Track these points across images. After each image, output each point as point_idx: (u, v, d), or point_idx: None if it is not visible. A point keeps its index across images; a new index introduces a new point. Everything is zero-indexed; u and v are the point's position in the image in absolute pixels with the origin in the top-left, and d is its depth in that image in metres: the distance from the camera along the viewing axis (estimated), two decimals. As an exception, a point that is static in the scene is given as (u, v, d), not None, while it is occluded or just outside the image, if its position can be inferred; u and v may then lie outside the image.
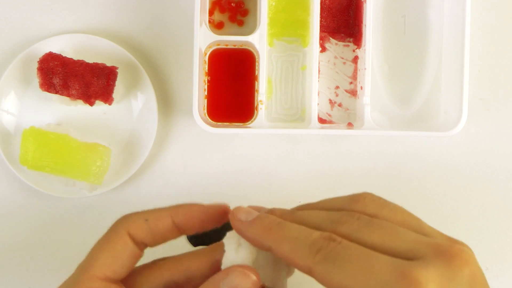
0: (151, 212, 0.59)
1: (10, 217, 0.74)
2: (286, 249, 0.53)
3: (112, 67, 0.71)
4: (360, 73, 0.74)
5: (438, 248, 0.50)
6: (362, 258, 0.50)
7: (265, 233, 0.54)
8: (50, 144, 0.70)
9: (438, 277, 0.49)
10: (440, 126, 0.73)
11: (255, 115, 0.73)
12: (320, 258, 0.51)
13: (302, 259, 0.52)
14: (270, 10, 0.73)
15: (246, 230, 0.56)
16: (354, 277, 0.50)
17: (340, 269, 0.50)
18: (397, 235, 0.52)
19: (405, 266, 0.49)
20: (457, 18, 0.72)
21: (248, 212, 0.57)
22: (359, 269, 0.50)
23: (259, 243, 0.55)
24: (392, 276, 0.49)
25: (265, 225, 0.55)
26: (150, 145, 0.73)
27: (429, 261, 0.50)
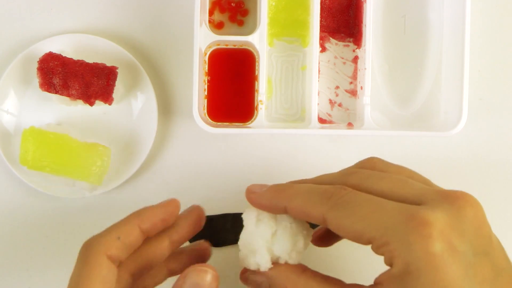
0: (117, 227, 0.59)
1: (10, 217, 0.74)
2: (300, 202, 0.57)
3: (112, 67, 0.71)
4: (360, 73, 0.74)
5: (444, 193, 0.54)
6: (372, 203, 0.54)
7: (279, 194, 0.58)
8: (50, 144, 0.70)
9: (444, 216, 0.52)
10: (440, 126, 0.73)
11: (255, 115, 0.73)
12: (332, 204, 0.55)
13: (315, 207, 0.55)
14: (270, 10, 0.73)
15: (262, 198, 0.59)
16: (365, 220, 0.53)
17: (351, 213, 0.54)
18: (405, 184, 0.55)
19: (414, 209, 0.52)
20: (457, 18, 0.72)
21: (261, 185, 0.61)
22: (369, 212, 0.53)
23: (274, 206, 0.59)
24: (401, 218, 0.52)
25: (278, 188, 0.59)
26: (150, 145, 0.73)
27: (436, 204, 0.53)
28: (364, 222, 0.53)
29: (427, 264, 0.51)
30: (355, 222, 0.54)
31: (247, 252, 0.61)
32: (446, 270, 0.51)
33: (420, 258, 0.51)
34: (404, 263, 0.52)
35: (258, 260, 0.60)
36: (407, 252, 0.51)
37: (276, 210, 0.59)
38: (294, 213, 0.58)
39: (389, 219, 0.53)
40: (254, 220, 0.61)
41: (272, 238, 0.60)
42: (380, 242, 0.53)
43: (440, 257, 0.51)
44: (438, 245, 0.51)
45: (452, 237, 0.52)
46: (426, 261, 0.51)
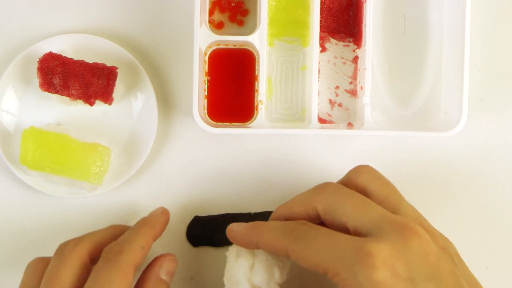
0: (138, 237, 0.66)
1: (10, 217, 0.74)
2: (267, 238, 0.63)
3: (112, 67, 0.71)
4: (360, 73, 0.74)
5: (395, 223, 0.59)
6: (326, 237, 0.60)
7: (251, 232, 0.65)
8: (50, 144, 0.70)
9: (389, 249, 0.57)
10: (440, 126, 0.73)
11: (255, 115, 0.73)
12: (293, 238, 0.61)
13: (279, 242, 0.62)
14: (270, 10, 0.73)
15: (238, 235, 0.66)
16: (319, 252, 0.59)
17: (308, 246, 0.60)
18: (365, 209, 0.61)
19: (361, 241, 0.58)
20: (457, 18, 0.72)
21: (239, 224, 0.66)
22: (323, 245, 0.59)
23: (248, 242, 0.65)
24: (349, 250, 0.57)
25: (250, 226, 0.65)
26: (150, 145, 0.73)
27: (384, 235, 0.58)
28: (319, 254, 0.59)
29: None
30: (311, 254, 0.59)
31: (230, 285, 0.67)
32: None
33: (365, 286, 0.56)
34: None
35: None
36: (353, 281, 0.56)
37: (250, 246, 0.66)
38: (264, 248, 0.64)
39: (340, 251, 0.58)
40: (234, 255, 0.67)
41: (251, 271, 0.66)
42: (333, 272, 0.58)
43: (384, 284, 0.56)
44: (380, 273, 0.56)
45: (396, 266, 0.56)
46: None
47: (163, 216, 0.71)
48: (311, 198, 0.64)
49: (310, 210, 0.64)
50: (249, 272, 0.66)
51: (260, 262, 0.66)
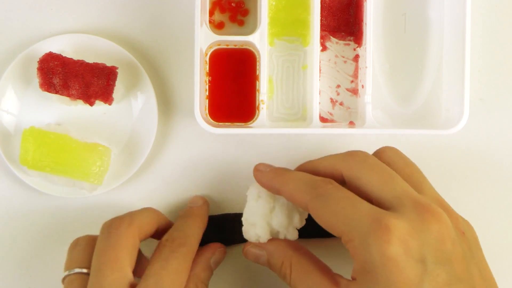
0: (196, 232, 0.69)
1: (10, 217, 0.74)
2: (290, 188, 0.64)
3: (112, 67, 0.71)
4: (361, 71, 0.74)
5: (417, 203, 0.59)
6: (348, 201, 0.60)
7: (276, 177, 0.65)
8: (50, 144, 0.70)
9: (406, 226, 0.57)
10: (441, 124, 0.73)
11: (257, 114, 0.73)
12: (316, 194, 0.61)
13: (301, 195, 0.62)
14: (270, 10, 0.73)
15: (263, 177, 0.67)
16: (338, 215, 0.59)
17: (328, 207, 0.60)
18: (391, 183, 0.61)
19: (381, 213, 0.58)
20: (458, 17, 0.72)
21: (267, 165, 0.68)
22: (343, 209, 0.59)
23: (271, 187, 0.66)
24: (367, 219, 0.58)
25: (277, 172, 0.66)
26: (150, 145, 0.73)
27: (405, 212, 0.58)
28: (337, 216, 0.59)
29: (382, 265, 0.56)
30: (330, 215, 0.60)
31: (248, 226, 0.67)
32: (400, 273, 0.56)
33: (376, 260, 0.56)
34: (362, 261, 0.57)
35: (258, 231, 0.67)
36: (365, 252, 0.57)
37: (272, 190, 0.66)
38: (285, 196, 0.65)
39: (358, 218, 0.58)
40: (255, 196, 0.68)
41: (271, 213, 0.67)
42: (347, 238, 0.58)
43: (395, 260, 0.56)
44: (394, 249, 0.56)
45: (410, 245, 0.57)
46: (381, 263, 0.56)
47: (207, 207, 0.72)
48: (338, 163, 0.64)
49: (335, 173, 0.64)
50: (268, 214, 0.67)
51: (281, 205, 0.67)
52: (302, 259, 0.64)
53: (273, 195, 0.67)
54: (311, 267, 0.63)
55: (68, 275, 0.65)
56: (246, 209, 0.68)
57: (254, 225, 0.67)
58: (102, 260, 0.63)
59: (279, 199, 0.67)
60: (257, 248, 0.67)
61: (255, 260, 0.67)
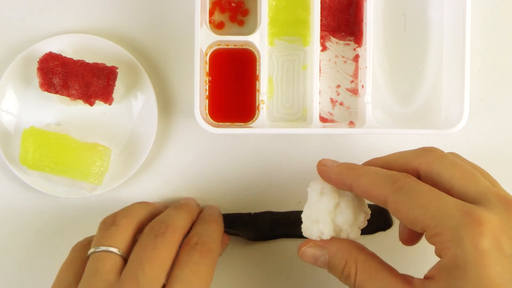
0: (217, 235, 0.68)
1: (10, 217, 0.74)
2: (366, 182, 0.61)
3: (112, 67, 0.71)
4: (361, 71, 0.74)
5: (504, 198, 0.57)
6: (432, 194, 0.57)
7: (349, 171, 0.62)
8: (50, 144, 0.70)
9: (497, 219, 0.55)
10: (441, 124, 0.73)
11: (257, 115, 0.73)
12: (396, 188, 0.59)
13: (379, 188, 0.60)
14: (270, 10, 0.73)
15: (331, 171, 0.64)
16: (423, 208, 0.57)
17: (411, 200, 0.57)
18: (473, 178, 0.59)
19: (471, 207, 0.56)
20: (458, 17, 0.72)
21: (332, 161, 0.65)
22: (428, 202, 0.57)
23: (341, 181, 0.63)
24: (457, 212, 0.55)
25: (348, 166, 0.63)
26: (150, 145, 0.73)
27: (493, 207, 0.56)
28: (422, 210, 0.57)
29: (474, 259, 0.54)
30: (413, 209, 0.57)
31: (310, 222, 0.65)
32: (492, 268, 0.54)
33: (469, 253, 0.54)
34: (453, 255, 0.55)
35: (321, 227, 0.64)
36: (457, 245, 0.55)
37: (342, 185, 0.63)
38: (359, 191, 0.62)
39: (446, 211, 0.56)
40: (318, 192, 0.65)
41: (335, 210, 0.64)
42: (434, 232, 0.56)
43: (487, 255, 0.54)
44: (487, 243, 0.54)
45: (502, 240, 0.55)
46: (474, 256, 0.54)
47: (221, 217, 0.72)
48: (414, 159, 0.62)
49: (410, 169, 0.62)
50: (333, 211, 0.64)
51: (347, 202, 0.64)
52: (369, 258, 0.62)
53: (338, 191, 0.65)
54: (379, 266, 0.61)
55: (95, 252, 0.63)
56: (308, 205, 0.65)
57: (317, 221, 0.64)
58: (145, 256, 0.62)
59: (345, 195, 0.65)
60: (317, 248, 0.64)
61: (313, 261, 0.64)
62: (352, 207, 0.64)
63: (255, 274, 0.75)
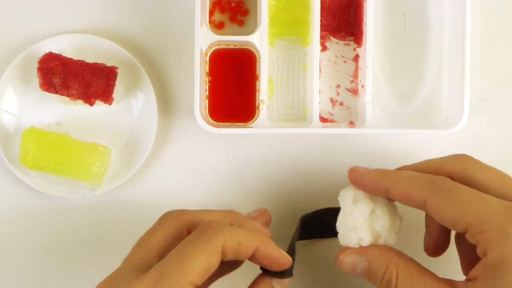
0: (243, 234, 0.59)
1: (10, 217, 0.74)
2: (403, 185, 0.61)
3: (112, 67, 0.71)
4: (361, 71, 0.74)
5: None
6: (473, 193, 0.58)
7: (384, 176, 0.62)
8: (50, 144, 0.70)
9: None
10: (441, 124, 0.73)
11: (257, 114, 0.73)
12: (435, 189, 0.59)
13: (418, 191, 0.59)
14: (270, 10, 0.73)
15: (365, 177, 0.64)
16: (464, 207, 0.57)
17: (452, 200, 0.57)
18: (509, 180, 0.60)
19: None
20: (458, 17, 0.72)
21: (364, 167, 0.65)
22: (470, 201, 0.57)
23: (376, 187, 0.63)
24: (501, 209, 0.56)
25: (383, 171, 0.63)
26: (150, 145, 0.73)
27: None
28: (464, 209, 0.57)
29: None
30: (454, 208, 0.57)
31: (346, 231, 0.65)
32: None
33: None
34: (500, 252, 0.54)
35: (360, 234, 0.64)
36: (503, 241, 0.55)
37: (376, 191, 0.63)
38: (396, 195, 0.62)
39: (489, 209, 0.56)
40: (351, 200, 0.65)
41: (371, 216, 0.64)
42: (477, 230, 0.56)
43: None
44: None
45: None
46: None
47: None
48: (447, 164, 0.63)
49: (444, 174, 0.62)
50: (369, 218, 0.64)
51: (382, 207, 0.65)
52: (409, 264, 0.61)
53: (372, 197, 0.65)
54: (420, 271, 0.60)
55: None
56: (343, 214, 0.65)
57: (355, 228, 0.64)
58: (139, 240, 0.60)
59: (379, 201, 0.65)
60: (356, 255, 0.63)
61: (352, 269, 0.63)
62: (387, 212, 0.65)
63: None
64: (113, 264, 0.72)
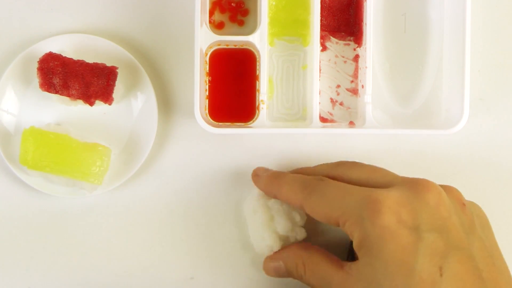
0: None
1: (10, 217, 0.74)
2: (285, 191, 0.66)
3: (112, 67, 0.71)
4: (361, 71, 0.74)
5: (408, 180, 0.62)
6: (339, 189, 0.62)
7: (272, 182, 0.68)
8: (50, 144, 0.70)
9: (397, 196, 0.59)
10: (441, 124, 0.73)
11: (257, 114, 0.73)
12: (308, 192, 0.64)
13: (296, 195, 0.65)
14: (270, 10, 0.73)
15: (260, 182, 0.70)
16: (331, 203, 0.62)
17: (321, 199, 0.62)
18: (378, 172, 0.65)
19: (371, 191, 0.61)
20: (458, 17, 0.72)
21: (265, 169, 0.71)
22: (335, 197, 0.62)
23: (268, 192, 0.69)
24: (359, 198, 0.60)
25: (273, 176, 0.69)
26: (150, 145, 0.73)
27: (397, 187, 0.60)
28: (331, 205, 0.62)
29: (377, 236, 0.58)
30: (324, 206, 0.62)
31: (258, 241, 0.69)
32: (395, 240, 0.57)
33: (370, 231, 0.58)
34: (359, 237, 0.59)
35: (268, 242, 0.69)
36: (360, 227, 0.59)
37: (270, 195, 0.69)
38: (282, 200, 0.68)
39: (350, 200, 0.61)
40: (251, 212, 0.70)
41: (272, 222, 0.69)
42: (342, 220, 0.60)
43: (387, 229, 0.58)
44: (385, 218, 0.58)
45: (402, 213, 0.58)
46: (375, 233, 0.58)
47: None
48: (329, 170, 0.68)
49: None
50: (270, 223, 0.69)
51: (277, 211, 0.69)
52: (312, 255, 0.66)
53: (268, 205, 0.69)
54: (320, 258, 0.65)
55: None
56: (249, 228, 0.70)
57: (263, 237, 0.69)
58: None
59: (273, 206, 0.69)
60: (274, 260, 0.69)
61: (276, 274, 0.69)
62: (284, 214, 0.69)
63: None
64: (113, 264, 0.72)
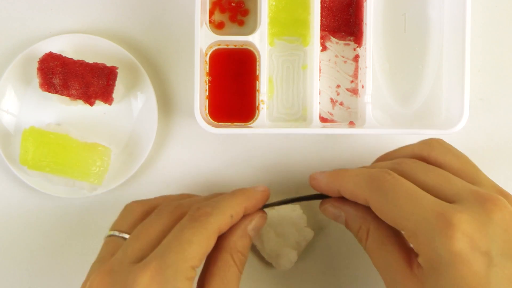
0: (231, 207, 0.64)
1: (10, 217, 0.74)
2: (350, 186, 0.63)
3: (112, 67, 0.71)
4: (361, 71, 0.74)
5: (477, 194, 0.59)
6: (410, 194, 0.59)
7: (334, 179, 0.65)
8: (50, 144, 0.70)
9: (470, 218, 0.57)
10: (441, 124, 0.73)
11: (257, 115, 0.73)
12: (376, 187, 0.61)
13: (361, 191, 0.62)
14: (270, 10, 0.73)
15: (320, 183, 0.66)
16: (400, 209, 0.59)
17: (390, 201, 0.60)
18: (448, 180, 0.61)
19: (444, 207, 0.58)
20: (458, 17, 0.72)
21: (321, 172, 0.67)
22: (405, 203, 0.59)
23: (330, 191, 0.65)
24: (431, 214, 0.57)
25: (333, 174, 0.65)
26: (150, 145, 0.73)
27: (467, 205, 0.58)
28: (400, 211, 0.59)
29: (448, 262, 0.56)
30: (391, 209, 0.60)
31: (275, 260, 0.70)
32: (467, 267, 0.55)
33: (441, 254, 0.56)
34: (428, 257, 0.57)
35: (288, 257, 0.70)
36: (430, 248, 0.57)
37: (332, 193, 0.66)
38: (347, 196, 0.64)
39: (421, 213, 0.58)
40: (257, 238, 0.70)
41: (278, 237, 0.70)
42: (410, 233, 0.58)
43: (460, 256, 0.55)
44: (459, 244, 0.56)
45: (476, 238, 0.56)
46: (447, 259, 0.56)
47: (262, 193, 0.67)
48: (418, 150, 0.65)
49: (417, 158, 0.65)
50: (278, 238, 0.70)
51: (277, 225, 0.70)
52: (380, 227, 0.63)
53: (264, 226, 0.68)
54: (388, 239, 0.63)
55: (109, 236, 0.65)
56: (261, 251, 0.71)
57: (279, 255, 0.69)
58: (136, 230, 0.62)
59: (269, 225, 0.70)
60: (336, 208, 0.66)
61: (334, 218, 0.67)
62: (287, 225, 0.70)
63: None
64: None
